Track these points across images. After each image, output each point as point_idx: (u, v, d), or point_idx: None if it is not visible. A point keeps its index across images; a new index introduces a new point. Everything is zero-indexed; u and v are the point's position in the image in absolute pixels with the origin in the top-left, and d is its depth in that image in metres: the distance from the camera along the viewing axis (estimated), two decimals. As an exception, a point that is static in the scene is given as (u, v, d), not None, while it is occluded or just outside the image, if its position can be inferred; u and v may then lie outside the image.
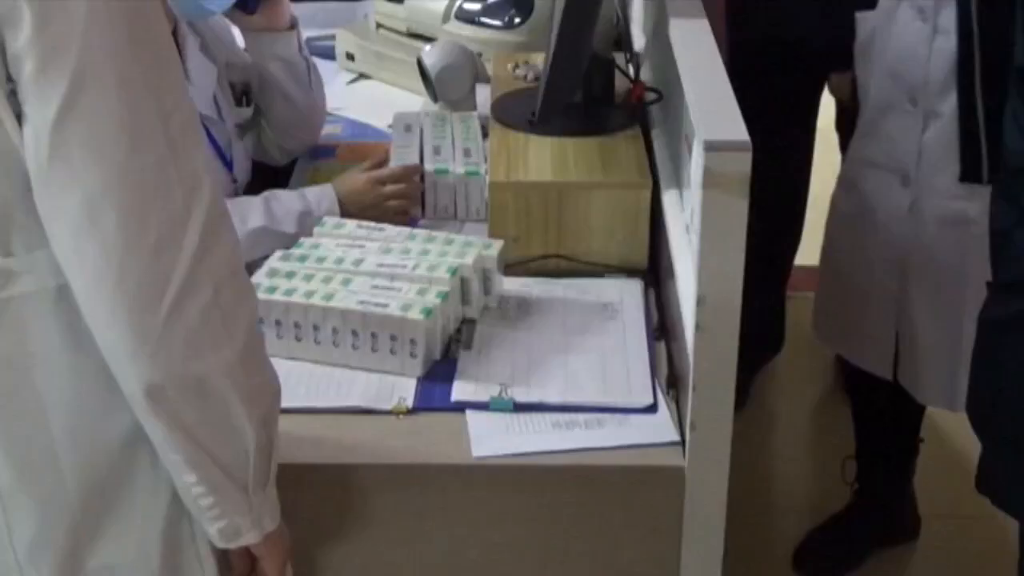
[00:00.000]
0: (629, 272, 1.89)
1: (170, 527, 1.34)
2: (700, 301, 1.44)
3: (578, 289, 1.85)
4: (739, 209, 1.39)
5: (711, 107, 1.47)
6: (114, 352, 1.21)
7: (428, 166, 2.07)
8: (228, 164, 2.06)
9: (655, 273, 1.90)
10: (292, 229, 1.93)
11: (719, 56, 1.58)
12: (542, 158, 1.94)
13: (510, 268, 1.87)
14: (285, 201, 1.97)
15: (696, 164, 1.46)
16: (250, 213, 1.93)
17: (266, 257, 1.81)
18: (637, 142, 1.99)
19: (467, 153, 2.09)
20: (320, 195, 2.00)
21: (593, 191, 1.87)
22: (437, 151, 2.10)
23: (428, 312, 1.66)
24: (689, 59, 1.63)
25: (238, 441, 1.28)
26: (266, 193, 1.99)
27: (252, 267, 1.80)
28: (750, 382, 3.04)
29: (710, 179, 1.38)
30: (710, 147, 1.37)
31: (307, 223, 1.93)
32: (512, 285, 1.86)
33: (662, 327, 1.78)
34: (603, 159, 1.94)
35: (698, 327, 1.45)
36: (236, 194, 2.06)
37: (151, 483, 1.32)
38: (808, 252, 3.00)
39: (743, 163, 1.37)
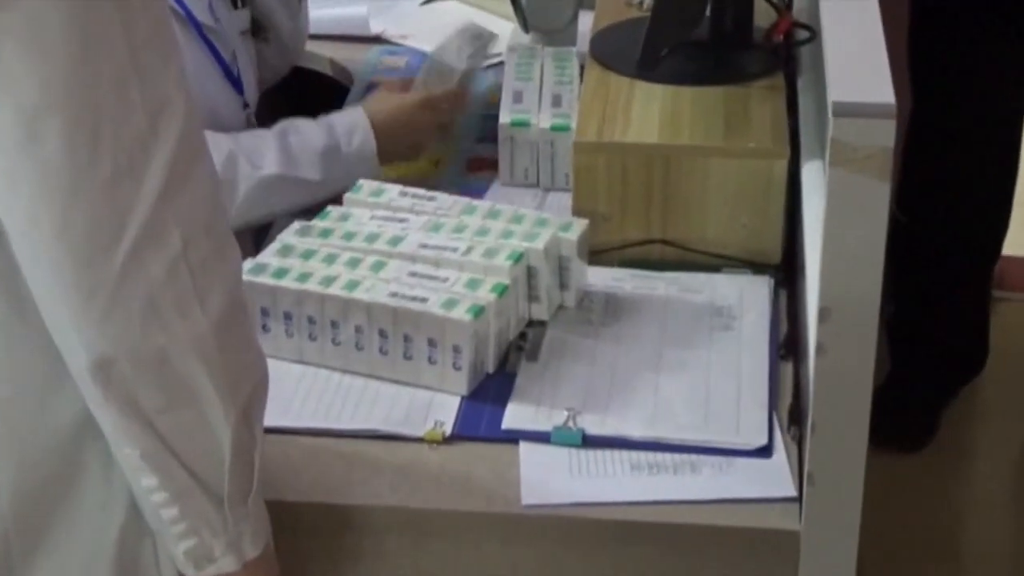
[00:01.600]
0: (755, 267, 1.86)
1: (125, 547, 1.35)
2: (823, 315, 1.39)
3: (685, 286, 1.83)
4: (877, 195, 1.33)
5: (850, 58, 1.41)
6: (57, 316, 1.21)
7: (504, 117, 2.05)
8: (236, 83, 2.06)
9: (790, 270, 1.85)
10: (316, 175, 1.93)
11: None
12: (648, 112, 1.91)
13: (597, 256, 1.84)
14: (306, 135, 1.96)
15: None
16: (263, 154, 1.93)
17: (284, 222, 1.81)
18: (776, 96, 1.94)
19: (557, 101, 2.07)
20: (351, 125, 1.99)
21: (712, 159, 1.83)
22: (518, 97, 2.09)
23: (478, 311, 1.64)
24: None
25: (211, 437, 1.28)
26: (282, 124, 1.98)
27: (264, 232, 1.80)
28: (941, 410, 3.00)
29: (839, 153, 1.33)
30: (840, 111, 1.32)
31: (335, 165, 1.93)
32: (598, 278, 1.83)
33: (791, 342, 1.73)
34: (729, 117, 1.90)
35: (820, 348, 1.40)
36: (249, 123, 2.07)
37: (103, 490, 1.33)
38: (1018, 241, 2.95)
39: (884, 134, 1.32)
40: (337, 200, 1.86)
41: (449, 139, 2.11)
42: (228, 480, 1.30)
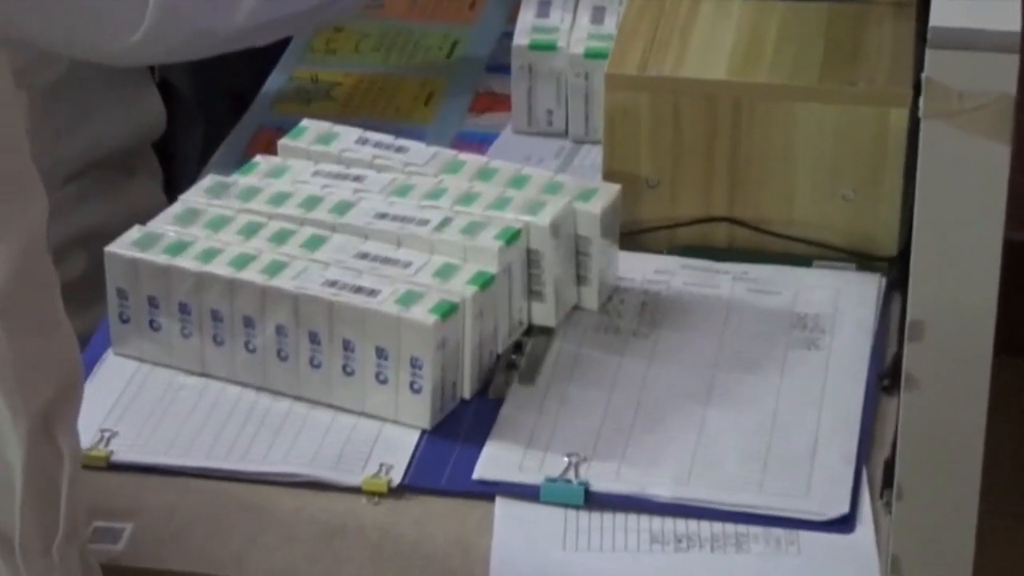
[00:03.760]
0: (862, 260, 1.86)
1: None
2: (914, 331, 1.37)
3: (758, 284, 1.83)
4: (992, 160, 1.31)
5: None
6: None
7: (521, 36, 2.06)
8: None
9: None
10: None
11: None
12: (717, 34, 1.92)
13: (635, 238, 1.86)
14: None
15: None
16: None
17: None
18: (903, 17, 1.94)
19: (598, 16, 2.08)
20: None
21: (803, 104, 1.83)
22: (543, 10, 2.10)
23: (448, 310, 1.64)
24: None
25: None
26: None
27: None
28: None
29: (936, 100, 1.31)
30: (940, 39, 1.30)
31: None
32: (635, 269, 1.84)
33: (898, 368, 1.71)
34: (832, 44, 1.90)
35: (908, 379, 1.39)
36: None
37: None
38: None
39: (1003, 75, 1.29)
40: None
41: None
42: (20, 518, 1.30)
